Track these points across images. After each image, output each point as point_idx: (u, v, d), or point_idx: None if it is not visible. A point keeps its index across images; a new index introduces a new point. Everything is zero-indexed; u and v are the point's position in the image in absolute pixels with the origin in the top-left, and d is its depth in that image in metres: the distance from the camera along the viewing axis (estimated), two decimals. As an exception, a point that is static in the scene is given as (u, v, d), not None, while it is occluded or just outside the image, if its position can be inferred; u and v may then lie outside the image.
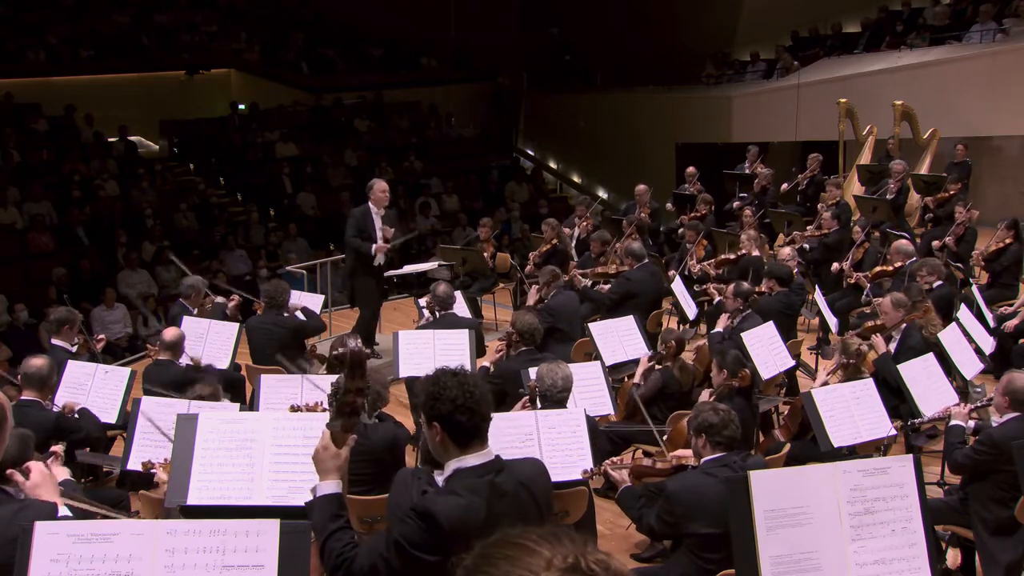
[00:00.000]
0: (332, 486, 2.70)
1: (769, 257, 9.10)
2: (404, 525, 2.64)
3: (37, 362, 5.07)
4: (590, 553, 1.33)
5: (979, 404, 5.17)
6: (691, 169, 12.06)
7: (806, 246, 9.68)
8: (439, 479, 2.75)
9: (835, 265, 9.12)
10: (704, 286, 8.32)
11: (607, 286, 8.44)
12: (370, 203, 8.33)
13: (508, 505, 2.71)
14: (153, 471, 4.22)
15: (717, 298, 7.73)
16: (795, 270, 8.01)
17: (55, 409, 5.16)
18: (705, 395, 5.44)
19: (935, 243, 9.65)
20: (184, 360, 6.25)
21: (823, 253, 9.59)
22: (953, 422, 4.81)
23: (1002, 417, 4.60)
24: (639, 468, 4.37)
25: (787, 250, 8.43)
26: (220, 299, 7.74)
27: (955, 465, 4.67)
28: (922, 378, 5.58)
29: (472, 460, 2.71)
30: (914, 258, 8.27)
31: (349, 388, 2.69)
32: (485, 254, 9.99)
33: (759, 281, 7.66)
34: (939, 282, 7.52)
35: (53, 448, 4.42)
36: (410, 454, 5.29)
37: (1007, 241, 8.67)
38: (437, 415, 2.69)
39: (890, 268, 8.23)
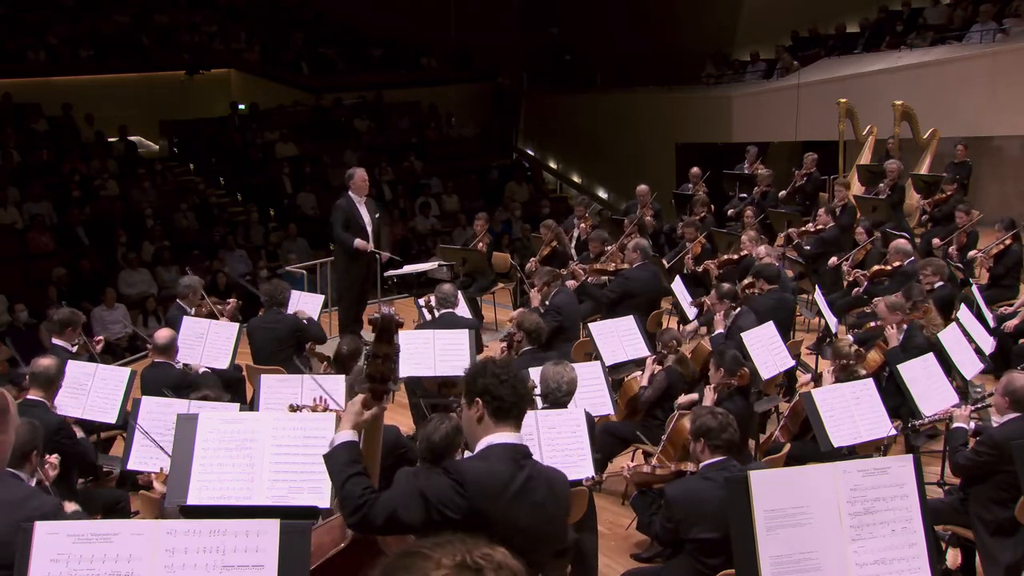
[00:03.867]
0: (348, 435, 2.78)
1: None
2: (430, 479, 2.73)
3: (45, 362, 5.06)
4: (477, 549, 1.45)
5: (980, 405, 5.16)
6: (695, 170, 12.05)
7: (804, 246, 9.69)
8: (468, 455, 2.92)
9: (832, 259, 9.13)
10: (700, 299, 8.24)
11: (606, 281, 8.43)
12: (351, 192, 8.43)
13: (530, 487, 2.79)
14: (151, 482, 4.23)
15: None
16: (777, 264, 8.04)
17: (57, 411, 5.16)
18: (709, 393, 5.43)
19: (935, 241, 9.67)
20: (180, 361, 6.25)
21: (820, 247, 9.60)
22: (955, 424, 4.80)
23: (1002, 418, 4.59)
24: (640, 475, 4.33)
25: (762, 248, 8.42)
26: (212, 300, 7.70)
27: (957, 467, 4.65)
28: (922, 378, 5.58)
29: (504, 438, 2.81)
30: (912, 258, 8.27)
31: (377, 352, 2.74)
32: (480, 245, 10.01)
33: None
34: (940, 282, 7.52)
35: (49, 458, 4.40)
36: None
37: (1007, 243, 8.66)
38: (480, 388, 2.82)
39: (888, 267, 8.24)
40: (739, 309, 6.78)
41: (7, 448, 2.82)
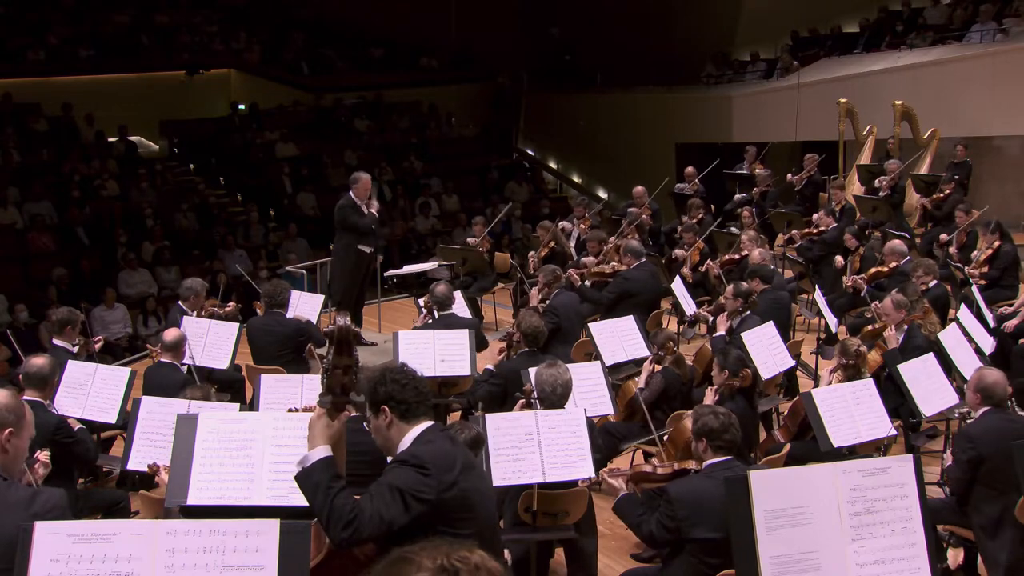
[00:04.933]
0: (324, 451, 2.79)
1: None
2: (396, 474, 2.81)
3: (38, 361, 4.99)
4: (456, 552, 1.58)
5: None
6: (690, 169, 12.08)
7: (807, 246, 9.69)
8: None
9: (838, 259, 9.15)
10: (700, 309, 8.19)
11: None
12: (352, 195, 8.46)
13: (467, 460, 2.98)
14: (156, 472, 4.21)
15: (711, 319, 7.57)
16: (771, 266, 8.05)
17: (54, 411, 5.14)
18: (709, 394, 5.43)
19: (942, 237, 9.68)
20: (186, 363, 6.23)
21: (822, 249, 9.61)
22: (948, 464, 4.80)
23: (976, 413, 4.63)
24: (639, 474, 4.30)
25: (756, 253, 8.42)
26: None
27: (955, 481, 4.62)
28: (922, 378, 5.59)
29: (424, 425, 2.95)
30: (908, 257, 8.27)
31: (336, 364, 2.72)
32: (482, 248, 10.01)
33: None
34: (934, 282, 7.53)
35: (37, 455, 4.37)
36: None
37: (996, 244, 8.68)
38: (383, 397, 2.91)
39: (885, 269, 8.23)
40: (746, 314, 6.76)
41: (22, 453, 2.82)
